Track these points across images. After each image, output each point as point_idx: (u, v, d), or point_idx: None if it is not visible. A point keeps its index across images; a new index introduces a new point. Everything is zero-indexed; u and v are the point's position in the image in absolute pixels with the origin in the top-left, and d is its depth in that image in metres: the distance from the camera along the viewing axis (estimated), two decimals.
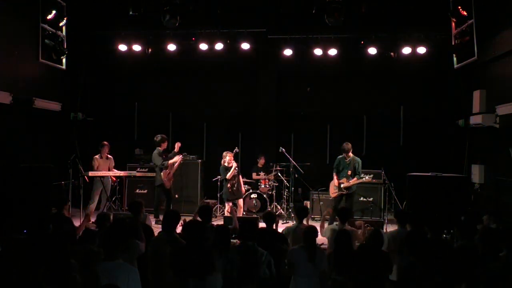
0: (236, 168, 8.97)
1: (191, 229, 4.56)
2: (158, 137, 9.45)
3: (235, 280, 4.47)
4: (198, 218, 5.89)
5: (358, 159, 8.75)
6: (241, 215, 8.94)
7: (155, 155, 9.39)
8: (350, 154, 8.74)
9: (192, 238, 4.34)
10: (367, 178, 8.95)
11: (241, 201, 9.26)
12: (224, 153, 9.01)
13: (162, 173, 9.29)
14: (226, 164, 8.94)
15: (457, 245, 4.96)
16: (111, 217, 6.15)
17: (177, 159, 9.38)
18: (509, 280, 3.90)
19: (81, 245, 4.64)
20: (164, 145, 9.46)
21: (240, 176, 9.35)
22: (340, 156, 8.88)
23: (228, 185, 8.96)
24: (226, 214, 9.03)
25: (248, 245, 4.70)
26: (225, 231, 4.94)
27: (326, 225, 6.37)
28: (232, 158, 8.97)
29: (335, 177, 8.81)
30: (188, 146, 10.49)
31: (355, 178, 8.59)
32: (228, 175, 8.89)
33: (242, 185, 9.41)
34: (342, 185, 8.66)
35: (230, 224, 6.07)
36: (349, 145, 8.73)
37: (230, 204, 9.09)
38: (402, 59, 10.49)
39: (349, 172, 8.62)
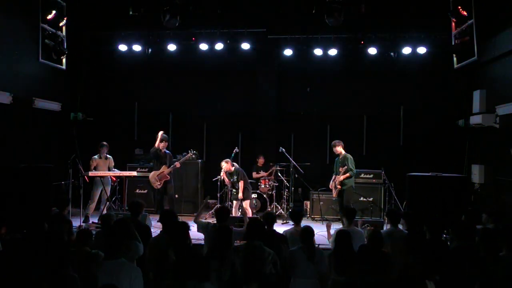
0: (225, 178, 9.11)
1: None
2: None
3: (240, 278, 4.47)
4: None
5: (348, 155, 8.85)
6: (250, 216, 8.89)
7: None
8: (342, 152, 8.88)
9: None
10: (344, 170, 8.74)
11: (246, 203, 9.10)
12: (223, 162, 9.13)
13: (152, 173, 8.99)
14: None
15: (453, 246, 4.95)
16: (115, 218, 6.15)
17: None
18: (509, 280, 3.90)
19: (77, 246, 4.65)
20: (161, 144, 8.96)
21: (241, 183, 9.01)
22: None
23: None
24: (234, 213, 9.06)
25: (255, 244, 4.69)
26: (227, 230, 4.94)
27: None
28: (228, 166, 9.01)
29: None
30: (188, 146, 10.49)
31: (342, 172, 8.72)
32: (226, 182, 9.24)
33: (241, 191, 9.04)
34: (335, 182, 8.79)
35: (232, 224, 6.07)
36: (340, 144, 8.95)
37: (235, 202, 9.15)
38: (402, 59, 10.50)
39: (341, 169, 8.75)
